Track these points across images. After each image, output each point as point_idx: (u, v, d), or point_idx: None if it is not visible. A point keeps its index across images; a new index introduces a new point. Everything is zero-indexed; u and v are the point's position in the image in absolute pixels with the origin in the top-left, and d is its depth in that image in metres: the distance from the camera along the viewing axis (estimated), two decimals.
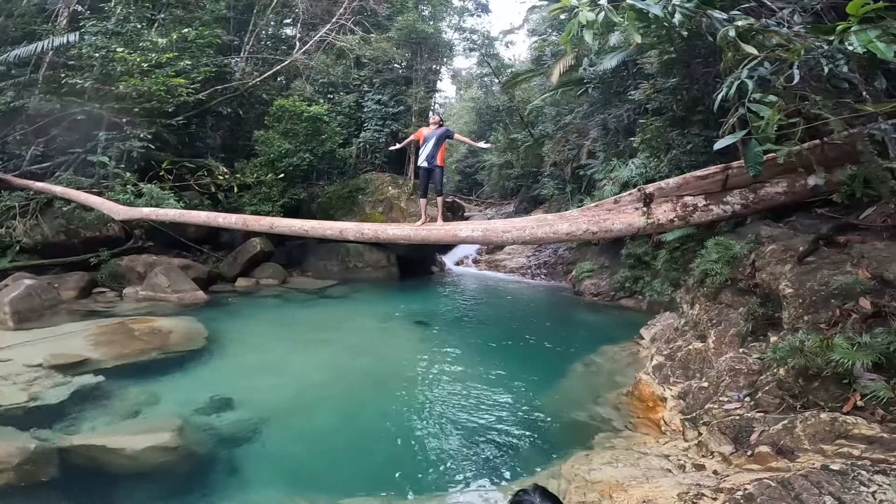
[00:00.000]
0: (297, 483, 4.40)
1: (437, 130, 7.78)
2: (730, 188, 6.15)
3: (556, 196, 16.88)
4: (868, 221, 5.03)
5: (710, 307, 6.01)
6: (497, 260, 18.46)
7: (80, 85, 12.18)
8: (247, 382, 6.54)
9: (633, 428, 5.18)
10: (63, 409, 5.22)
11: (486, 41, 21.62)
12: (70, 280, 10.86)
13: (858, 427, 3.24)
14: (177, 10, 15.04)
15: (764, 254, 5.28)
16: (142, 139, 12.57)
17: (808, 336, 3.93)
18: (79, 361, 6.38)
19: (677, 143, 8.82)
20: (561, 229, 6.64)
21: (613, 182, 10.57)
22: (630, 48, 10.26)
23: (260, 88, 16.75)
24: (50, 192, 11.53)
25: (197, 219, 10.46)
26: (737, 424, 3.92)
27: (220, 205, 14.07)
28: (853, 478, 2.65)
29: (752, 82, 3.87)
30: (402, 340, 9.04)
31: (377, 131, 16.95)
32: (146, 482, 4.29)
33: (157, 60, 12.59)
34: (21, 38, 13.38)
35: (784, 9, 4.97)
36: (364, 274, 14.61)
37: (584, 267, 13.60)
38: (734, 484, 3.04)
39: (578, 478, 3.92)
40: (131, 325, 8.04)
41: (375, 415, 5.83)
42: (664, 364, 6.00)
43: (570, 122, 14.99)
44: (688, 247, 7.94)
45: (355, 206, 15.63)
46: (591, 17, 4.73)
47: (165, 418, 5.05)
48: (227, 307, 10.94)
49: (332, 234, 8.65)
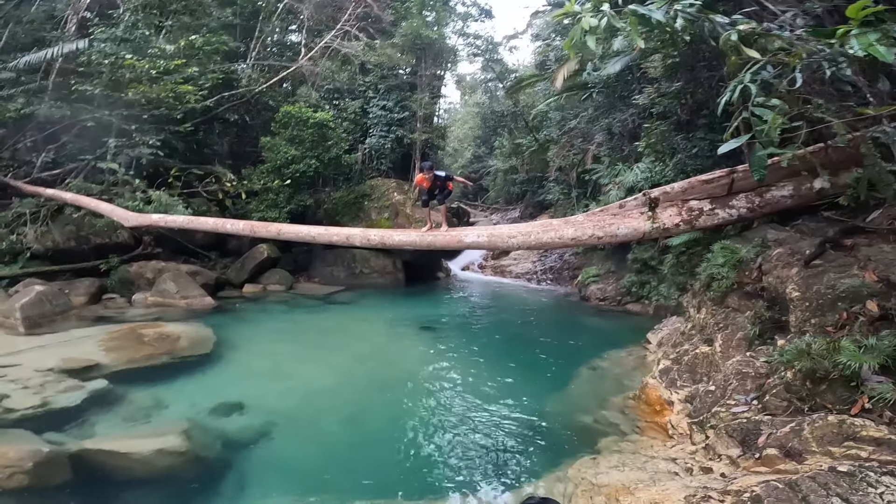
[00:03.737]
0: (303, 488, 4.42)
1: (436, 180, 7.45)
2: (735, 192, 6.14)
3: (561, 201, 16.88)
4: (874, 224, 5.02)
5: (717, 311, 6.00)
6: (503, 265, 18.46)
7: (89, 92, 12.35)
8: (254, 387, 6.57)
9: (640, 432, 5.17)
10: (74, 414, 5.27)
11: (489, 46, 21.74)
12: (80, 286, 10.98)
13: (866, 429, 3.23)
14: (184, 17, 15.25)
15: (770, 257, 5.28)
16: (151, 146, 12.72)
17: (815, 339, 3.92)
18: (89, 366, 6.45)
19: (682, 147, 8.83)
20: (566, 234, 6.65)
21: (619, 187, 10.57)
22: (634, 52, 10.26)
23: (266, 95, 16.93)
24: (60, 198, 11.67)
25: (205, 225, 10.55)
26: (744, 427, 3.91)
27: (228, 211, 14.21)
28: (861, 479, 2.65)
29: (755, 86, 3.88)
30: (408, 346, 9.06)
31: (382, 137, 17.05)
32: (155, 486, 4.33)
33: (166, 67, 12.75)
34: (31, 44, 13.61)
35: (786, 12, 4.99)
36: (370, 280, 14.67)
37: (590, 272, 13.57)
38: (742, 486, 3.03)
39: (585, 481, 3.92)
40: (140, 330, 8.11)
41: (382, 420, 5.84)
42: (671, 368, 5.99)
43: (574, 126, 15.01)
44: (694, 251, 7.93)
45: (361, 212, 15.72)
46: (593, 22, 4.76)
47: (174, 423, 5.09)
48: (235, 313, 11.01)
49: (339, 240, 8.70)
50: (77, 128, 12.62)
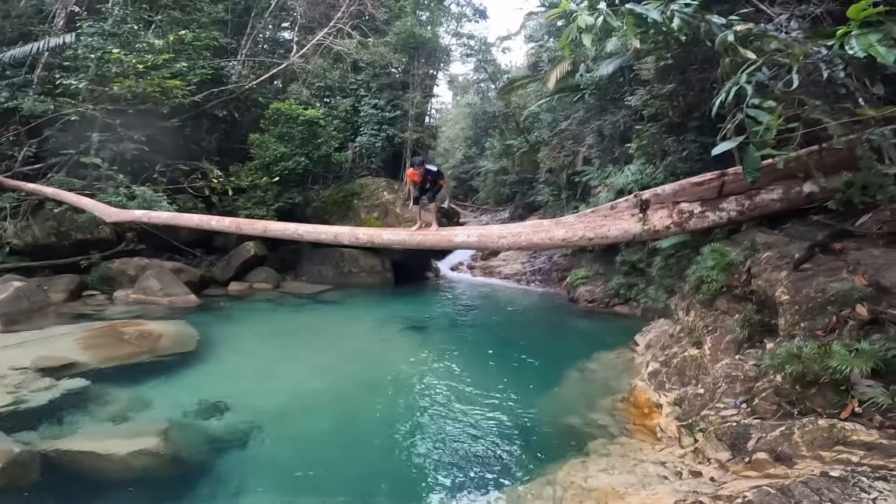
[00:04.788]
0: (288, 490, 4.32)
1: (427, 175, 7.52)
2: (726, 195, 6.14)
3: (551, 203, 16.89)
4: (864, 228, 5.03)
5: (706, 314, 5.98)
6: (492, 266, 18.42)
7: (74, 86, 12.12)
8: (238, 387, 6.44)
9: (628, 434, 5.13)
10: (49, 413, 5.12)
11: (483, 47, 21.80)
12: (60, 282, 10.73)
13: (857, 433, 3.20)
14: (174, 12, 15.00)
15: (760, 260, 5.27)
16: (135, 141, 12.50)
17: (805, 342, 3.90)
18: (67, 365, 6.28)
19: (673, 150, 8.82)
20: (557, 235, 6.62)
21: (609, 189, 10.58)
22: (627, 54, 10.29)
23: (256, 92, 16.74)
24: (41, 193, 11.43)
25: (189, 222, 10.39)
26: (734, 431, 3.88)
27: (215, 208, 13.98)
28: (853, 484, 2.61)
29: (750, 87, 3.85)
30: (396, 346, 8.96)
31: (373, 136, 16.94)
32: (132, 488, 4.20)
33: (153, 62, 12.54)
34: (17, 38, 13.35)
35: (782, 14, 4.99)
36: (359, 279, 14.53)
37: (578, 273, 13.56)
38: (733, 491, 2.98)
39: (574, 485, 3.86)
40: (121, 328, 7.94)
41: (369, 421, 5.75)
42: (659, 371, 5.97)
43: (565, 128, 15.03)
44: (682, 254, 7.93)
45: (350, 211, 15.57)
46: (589, 21, 4.73)
47: (153, 423, 4.95)
48: (220, 311, 10.83)
49: (327, 237, 8.59)
50: (60, 122, 12.35)
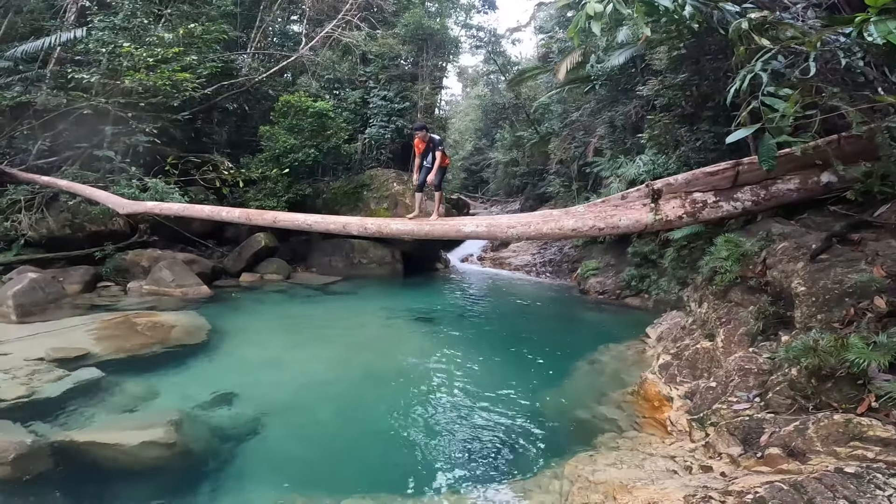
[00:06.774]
0: (296, 481, 4.32)
1: (430, 143, 7.70)
2: (740, 185, 6.02)
3: (561, 194, 16.77)
4: (882, 219, 4.89)
5: (719, 305, 5.88)
6: (502, 257, 18.36)
7: (86, 80, 12.22)
8: (248, 378, 6.47)
9: (638, 428, 5.07)
10: (62, 404, 5.17)
11: (492, 38, 21.60)
12: (74, 274, 10.85)
13: (873, 429, 3.12)
14: (183, 6, 15.06)
15: (775, 251, 5.16)
16: (147, 134, 12.59)
17: (821, 335, 3.80)
18: (80, 356, 6.34)
19: (686, 140, 8.69)
20: (567, 225, 6.54)
21: (620, 179, 10.44)
22: (638, 44, 10.13)
23: (266, 84, 16.76)
24: (55, 186, 11.55)
25: (201, 213, 10.44)
26: (746, 425, 3.81)
27: (225, 200, 14.10)
28: (868, 481, 2.55)
29: (766, 75, 3.76)
30: (405, 337, 8.96)
31: (382, 127, 16.90)
32: (142, 478, 4.22)
33: (164, 55, 12.59)
34: (29, 33, 13.55)
35: (797, 3, 4.85)
36: (368, 270, 14.56)
37: (589, 265, 13.46)
38: (744, 487, 2.93)
39: (582, 478, 3.82)
40: (134, 319, 8.01)
41: (377, 412, 5.75)
42: (671, 363, 5.89)
43: (576, 119, 14.88)
44: (696, 245, 7.83)
45: (360, 202, 15.60)
46: (598, 8, 4.64)
47: (163, 413, 4.97)
48: (231, 302, 10.91)
49: (336, 228, 8.59)
50: (74, 116, 12.47)
